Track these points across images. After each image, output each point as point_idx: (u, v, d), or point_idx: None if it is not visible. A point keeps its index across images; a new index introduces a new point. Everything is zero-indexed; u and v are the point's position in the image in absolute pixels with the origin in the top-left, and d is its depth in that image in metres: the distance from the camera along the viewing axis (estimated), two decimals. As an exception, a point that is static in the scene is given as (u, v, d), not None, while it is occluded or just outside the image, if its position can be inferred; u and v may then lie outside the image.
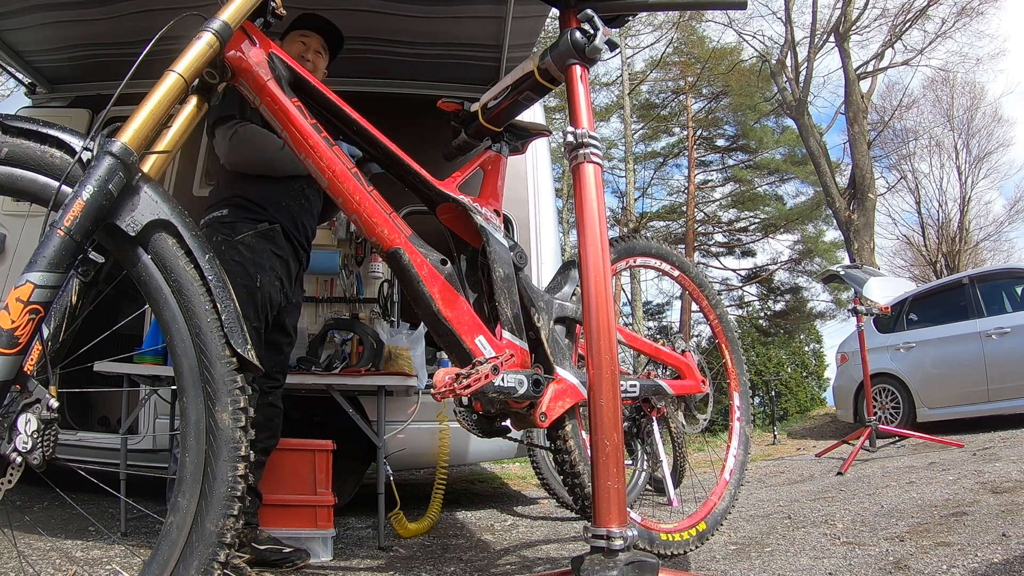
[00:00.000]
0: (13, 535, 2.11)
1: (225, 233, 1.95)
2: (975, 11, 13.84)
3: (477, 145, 1.48)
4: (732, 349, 1.97)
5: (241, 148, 2.02)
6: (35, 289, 0.84)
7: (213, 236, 1.92)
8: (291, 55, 2.08)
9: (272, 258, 2.00)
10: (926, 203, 17.96)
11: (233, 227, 1.97)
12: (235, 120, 2.03)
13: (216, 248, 1.83)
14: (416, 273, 1.25)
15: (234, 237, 1.94)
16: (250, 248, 1.95)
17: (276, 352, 2.13)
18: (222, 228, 1.97)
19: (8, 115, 0.94)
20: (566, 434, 1.39)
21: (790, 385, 15.62)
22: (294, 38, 2.18)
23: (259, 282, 1.92)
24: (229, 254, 1.89)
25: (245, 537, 1.91)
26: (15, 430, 0.83)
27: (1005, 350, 5.69)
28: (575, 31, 1.22)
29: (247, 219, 2.00)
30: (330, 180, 1.22)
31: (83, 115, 3.34)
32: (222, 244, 1.91)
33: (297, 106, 1.18)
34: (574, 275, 1.53)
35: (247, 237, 1.96)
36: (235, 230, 1.96)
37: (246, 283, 1.88)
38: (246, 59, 1.13)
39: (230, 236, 1.94)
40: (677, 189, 20.53)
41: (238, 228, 1.97)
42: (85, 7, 2.70)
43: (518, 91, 1.33)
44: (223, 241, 1.92)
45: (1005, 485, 2.66)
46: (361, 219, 1.24)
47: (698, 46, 18.62)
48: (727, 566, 1.88)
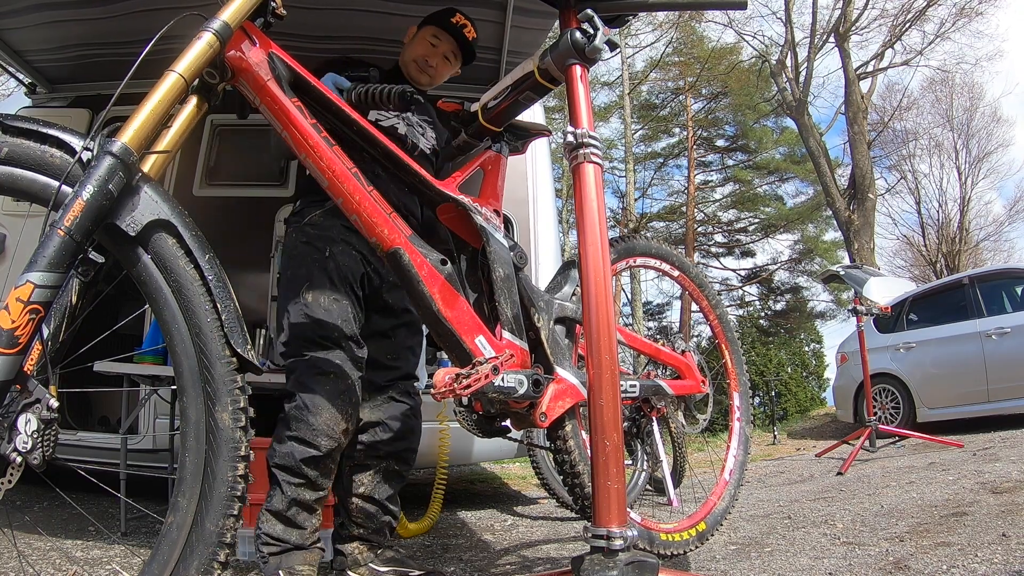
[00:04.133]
0: (13, 535, 2.11)
1: (295, 223, 1.87)
2: (974, 11, 13.85)
3: (477, 145, 1.48)
4: (732, 349, 1.97)
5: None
6: (35, 289, 0.84)
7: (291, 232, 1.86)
8: (414, 54, 1.95)
9: (344, 231, 1.81)
10: (926, 203, 17.99)
11: (301, 214, 1.88)
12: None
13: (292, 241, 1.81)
14: (416, 273, 1.25)
15: (303, 222, 1.85)
16: (317, 226, 1.82)
17: (382, 337, 1.89)
18: (294, 219, 1.89)
19: (8, 115, 0.94)
20: (566, 434, 1.39)
21: (790, 385, 15.62)
22: (424, 36, 1.98)
23: (328, 252, 1.77)
24: (297, 239, 1.81)
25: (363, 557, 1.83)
26: (15, 430, 0.83)
27: (1005, 350, 5.69)
28: (575, 31, 1.22)
29: (313, 203, 1.88)
30: (330, 180, 1.22)
31: (83, 115, 3.34)
32: (293, 233, 1.84)
33: (297, 106, 1.18)
34: (574, 275, 1.53)
35: (315, 217, 1.84)
36: (303, 216, 1.87)
37: (315, 257, 1.77)
38: (246, 59, 1.13)
39: (299, 222, 1.85)
40: (677, 189, 20.55)
41: (305, 213, 1.87)
42: (85, 6, 2.70)
43: (518, 91, 1.33)
44: (295, 230, 1.84)
45: (1005, 485, 2.66)
46: (361, 219, 1.24)
47: (698, 46, 18.62)
48: (727, 566, 1.88)
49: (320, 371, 1.65)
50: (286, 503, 1.60)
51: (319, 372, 1.65)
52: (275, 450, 1.63)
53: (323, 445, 1.62)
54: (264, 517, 1.61)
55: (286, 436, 1.62)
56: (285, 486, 1.61)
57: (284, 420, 1.64)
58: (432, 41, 1.96)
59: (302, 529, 1.63)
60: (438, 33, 1.96)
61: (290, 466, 1.61)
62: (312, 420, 1.61)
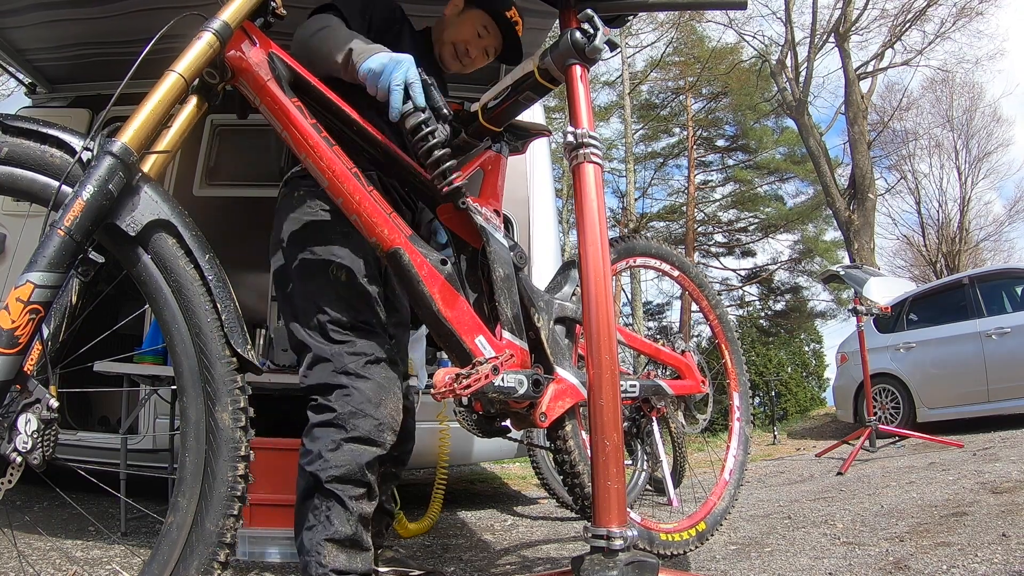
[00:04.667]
0: (13, 535, 2.11)
1: (309, 187, 1.51)
2: (974, 11, 13.85)
3: (477, 145, 1.48)
4: (732, 349, 1.97)
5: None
6: (35, 289, 0.84)
7: (294, 192, 1.53)
8: (457, 36, 1.67)
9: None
10: (926, 203, 17.99)
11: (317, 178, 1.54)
12: None
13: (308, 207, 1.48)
14: (416, 273, 1.25)
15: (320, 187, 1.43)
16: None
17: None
18: (302, 182, 1.54)
19: (8, 115, 0.94)
20: (566, 434, 1.39)
21: (790, 385, 15.62)
22: (472, 20, 1.68)
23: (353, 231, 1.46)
24: (316, 205, 1.48)
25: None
26: (15, 430, 0.83)
27: (1005, 350, 5.69)
28: (575, 31, 1.22)
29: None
30: (330, 180, 1.22)
31: (83, 115, 3.33)
32: (308, 198, 1.50)
33: (297, 106, 1.19)
34: (574, 275, 1.53)
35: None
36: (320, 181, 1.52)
37: (344, 231, 1.43)
38: (246, 59, 1.13)
39: (314, 187, 1.46)
40: (677, 189, 20.54)
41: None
42: (85, 6, 2.70)
43: (518, 91, 1.33)
44: (308, 194, 1.50)
45: (1005, 485, 2.66)
46: (361, 219, 1.24)
47: (698, 46, 18.62)
48: (727, 566, 1.88)
49: (372, 358, 1.38)
50: (352, 524, 1.30)
51: (371, 360, 1.38)
52: (327, 461, 1.30)
53: (388, 441, 1.37)
54: (325, 550, 1.27)
55: (342, 440, 1.31)
56: (349, 502, 1.30)
57: (330, 423, 1.33)
58: (480, 31, 1.68)
59: (367, 551, 1.34)
60: (488, 24, 1.68)
61: (353, 476, 1.31)
62: (376, 413, 1.34)
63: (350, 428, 1.32)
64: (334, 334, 1.38)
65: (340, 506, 1.29)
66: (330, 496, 1.30)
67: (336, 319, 1.39)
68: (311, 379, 1.38)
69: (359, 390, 1.34)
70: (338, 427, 1.32)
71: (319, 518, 1.29)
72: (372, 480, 1.35)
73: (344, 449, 1.31)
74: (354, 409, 1.33)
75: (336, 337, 1.38)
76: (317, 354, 1.38)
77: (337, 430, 1.32)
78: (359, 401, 1.33)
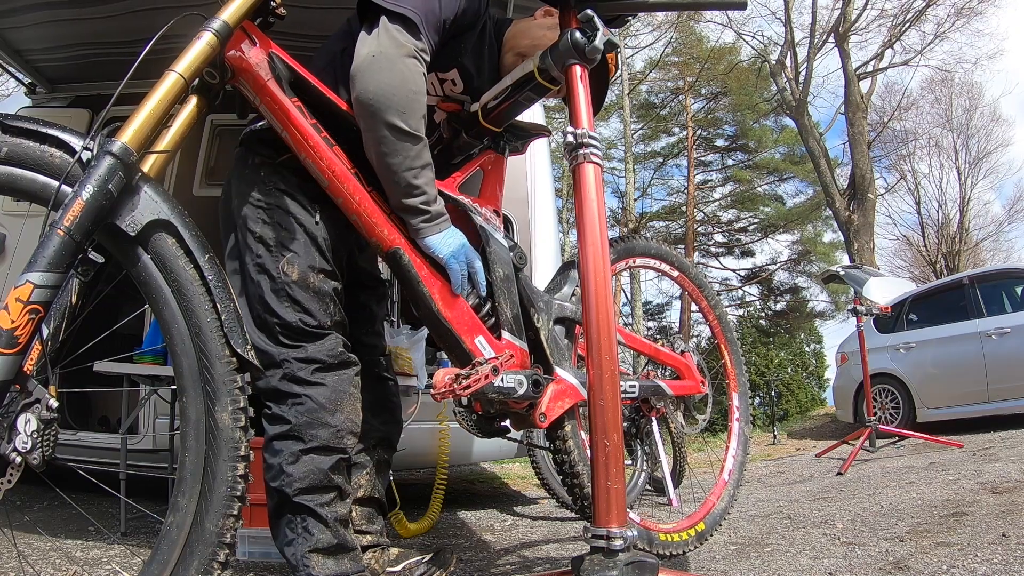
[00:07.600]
0: (13, 535, 2.11)
1: (267, 155, 1.35)
2: (973, 11, 13.86)
3: (477, 145, 1.48)
4: (731, 350, 1.97)
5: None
6: (35, 289, 0.84)
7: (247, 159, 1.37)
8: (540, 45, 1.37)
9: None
10: (926, 203, 18.00)
11: (277, 146, 1.33)
12: None
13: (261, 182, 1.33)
14: (416, 273, 1.25)
15: (278, 158, 1.34)
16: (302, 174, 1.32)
17: (359, 311, 1.57)
18: (264, 150, 1.36)
19: (8, 115, 0.94)
20: (565, 434, 1.39)
21: (790, 385, 15.63)
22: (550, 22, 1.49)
23: (318, 217, 1.35)
24: (272, 182, 1.34)
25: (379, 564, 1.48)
26: (15, 430, 0.83)
27: (1005, 350, 5.69)
28: (575, 31, 1.22)
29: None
30: (330, 180, 1.22)
31: (83, 115, 3.34)
32: (263, 172, 1.34)
33: (297, 106, 1.18)
34: (574, 275, 1.53)
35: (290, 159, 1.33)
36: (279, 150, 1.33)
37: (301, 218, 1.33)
38: (246, 59, 1.13)
39: (275, 158, 1.34)
40: (677, 189, 20.55)
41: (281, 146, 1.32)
42: (85, 6, 2.70)
43: (518, 91, 1.33)
44: (268, 169, 1.35)
45: (1005, 485, 2.66)
46: (361, 219, 1.24)
47: (697, 46, 18.62)
48: (727, 566, 1.88)
49: (323, 364, 1.30)
50: (331, 530, 1.27)
51: (322, 367, 1.30)
52: (290, 475, 1.24)
53: (348, 445, 1.32)
54: (312, 561, 1.24)
55: (300, 452, 1.25)
56: (321, 510, 1.26)
57: (286, 435, 1.26)
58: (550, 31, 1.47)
59: (353, 549, 1.31)
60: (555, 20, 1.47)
61: (319, 484, 1.26)
62: (332, 420, 1.28)
63: (308, 439, 1.26)
64: (284, 338, 1.29)
65: (313, 517, 1.26)
66: (301, 509, 1.26)
67: (285, 323, 1.29)
68: (262, 383, 1.29)
69: (311, 398, 1.27)
70: (295, 439, 1.26)
71: (296, 531, 1.27)
72: (340, 481, 1.31)
73: (304, 460, 1.26)
74: (309, 419, 1.26)
75: (286, 341, 1.30)
76: (266, 359, 1.28)
77: (295, 441, 1.26)
78: (312, 410, 1.27)
